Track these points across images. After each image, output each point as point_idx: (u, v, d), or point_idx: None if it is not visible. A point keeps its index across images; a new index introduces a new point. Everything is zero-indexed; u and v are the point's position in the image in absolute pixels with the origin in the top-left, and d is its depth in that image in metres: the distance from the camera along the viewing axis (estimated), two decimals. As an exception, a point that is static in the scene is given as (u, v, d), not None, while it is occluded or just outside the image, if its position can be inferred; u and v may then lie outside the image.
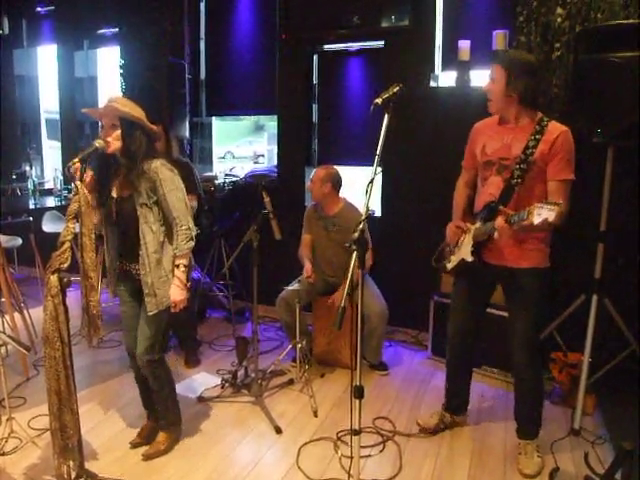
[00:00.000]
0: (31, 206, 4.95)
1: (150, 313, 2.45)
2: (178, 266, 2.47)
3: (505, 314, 3.25)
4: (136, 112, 2.39)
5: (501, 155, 2.46)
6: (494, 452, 2.75)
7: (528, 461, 2.59)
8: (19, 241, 4.32)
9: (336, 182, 3.58)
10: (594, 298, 2.98)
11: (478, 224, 2.51)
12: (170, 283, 2.47)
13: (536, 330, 2.60)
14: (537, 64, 2.40)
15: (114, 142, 2.35)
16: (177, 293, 2.46)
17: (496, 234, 2.31)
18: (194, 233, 2.48)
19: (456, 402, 2.95)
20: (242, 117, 5.85)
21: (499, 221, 2.27)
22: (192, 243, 2.47)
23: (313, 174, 3.61)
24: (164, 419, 2.73)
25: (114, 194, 2.46)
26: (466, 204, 2.73)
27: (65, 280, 2.18)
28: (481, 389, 3.37)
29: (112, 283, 2.60)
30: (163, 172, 2.41)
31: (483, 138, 2.57)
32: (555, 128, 2.37)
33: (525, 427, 2.70)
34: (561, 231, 3.29)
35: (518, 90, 2.34)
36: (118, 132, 2.35)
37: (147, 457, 2.64)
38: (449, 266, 2.71)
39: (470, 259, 2.52)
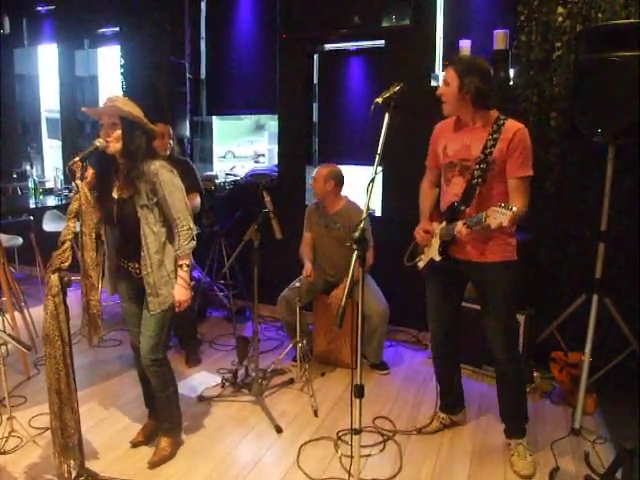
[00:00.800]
0: (32, 205, 4.96)
1: (152, 313, 2.45)
2: (181, 266, 2.47)
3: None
4: (136, 112, 2.38)
5: (462, 156, 2.50)
6: (494, 452, 2.75)
7: (522, 462, 2.60)
8: (20, 240, 4.33)
9: (339, 180, 3.58)
10: (595, 298, 2.98)
11: (443, 224, 2.55)
12: (172, 283, 2.47)
13: (511, 323, 2.62)
14: (489, 68, 2.42)
15: (114, 142, 2.34)
16: (181, 293, 2.47)
17: (455, 232, 2.36)
18: (195, 233, 2.49)
19: (449, 400, 2.96)
20: (243, 116, 5.86)
21: (459, 226, 2.33)
22: (194, 243, 2.47)
23: (315, 172, 3.61)
24: (168, 421, 2.68)
25: (115, 195, 2.45)
26: (433, 203, 2.76)
27: (66, 279, 2.19)
28: (481, 389, 3.37)
29: (111, 281, 2.59)
30: (163, 174, 2.40)
31: (444, 140, 2.60)
32: (512, 126, 2.40)
33: (513, 425, 2.72)
34: (561, 230, 3.31)
35: (470, 92, 2.36)
36: (118, 132, 2.34)
37: (153, 465, 2.58)
38: (420, 264, 2.75)
39: (438, 258, 2.57)
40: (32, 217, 4.68)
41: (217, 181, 4.67)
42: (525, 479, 2.55)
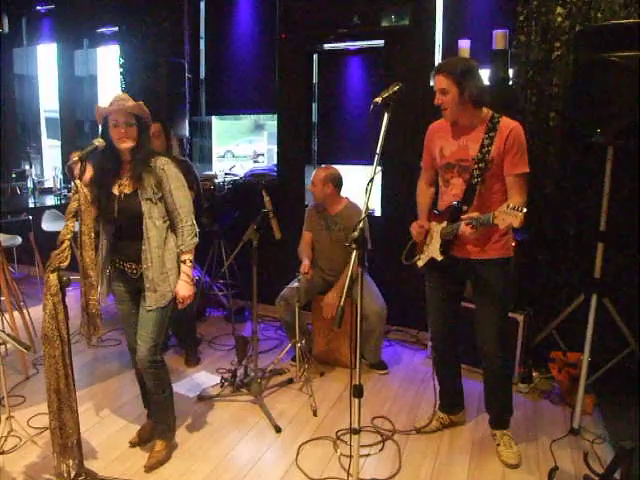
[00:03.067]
0: (31, 205, 4.96)
1: (149, 308, 2.44)
2: (185, 262, 2.48)
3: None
4: (147, 111, 2.45)
5: (459, 157, 2.51)
6: (493, 451, 2.74)
7: (509, 451, 2.65)
8: (19, 240, 4.33)
9: (337, 182, 3.57)
10: (593, 298, 2.98)
11: (444, 224, 2.56)
12: (170, 280, 2.48)
13: (505, 318, 2.66)
14: (475, 64, 2.43)
15: (129, 140, 2.37)
16: (185, 288, 2.48)
17: (459, 233, 2.38)
18: (197, 230, 2.51)
19: (449, 400, 2.96)
20: (242, 116, 5.86)
21: (462, 227, 2.34)
22: (197, 239, 2.51)
23: (313, 175, 3.59)
24: (164, 423, 2.67)
25: (115, 192, 2.45)
26: (430, 203, 2.78)
27: (64, 279, 2.18)
28: (479, 388, 3.36)
29: (105, 282, 2.58)
30: (170, 169, 2.45)
31: (440, 140, 2.60)
32: (507, 124, 2.41)
33: (499, 416, 2.76)
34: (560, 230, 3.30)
35: (472, 94, 2.37)
36: (134, 129, 2.38)
37: (149, 468, 2.57)
38: (420, 263, 2.75)
39: (440, 258, 2.58)
40: (31, 217, 4.68)
41: (216, 181, 4.67)
42: (512, 468, 2.60)
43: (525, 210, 2.07)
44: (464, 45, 3.55)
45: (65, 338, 2.20)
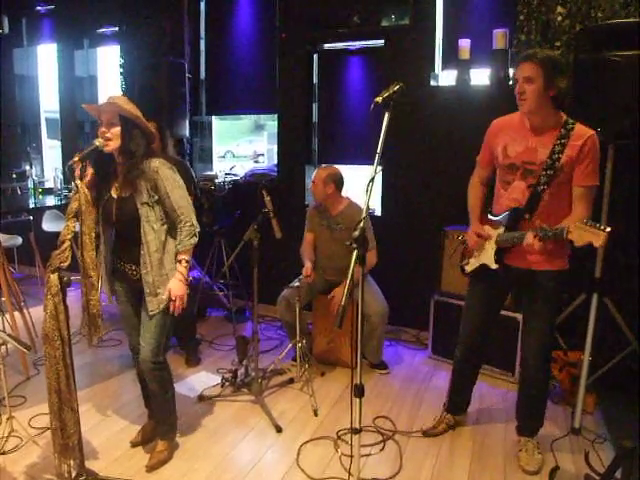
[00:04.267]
0: (31, 205, 4.96)
1: (152, 313, 2.43)
2: (180, 261, 2.45)
3: (509, 314, 3.29)
4: (136, 112, 2.37)
5: (525, 159, 2.38)
6: (494, 451, 2.75)
7: (530, 458, 2.60)
8: (19, 240, 4.33)
9: (339, 182, 3.57)
10: (594, 297, 2.98)
11: (501, 230, 2.46)
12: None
13: (553, 330, 2.57)
14: (569, 66, 2.32)
15: (113, 140, 2.32)
16: (178, 287, 2.43)
17: (525, 244, 2.27)
18: (198, 230, 2.46)
19: (459, 400, 2.94)
20: (242, 116, 5.86)
21: (529, 238, 2.23)
22: (196, 239, 2.45)
23: (314, 175, 3.58)
24: (166, 424, 2.67)
25: (114, 194, 2.44)
26: (484, 204, 2.66)
27: (65, 279, 2.18)
28: (480, 388, 3.36)
29: (107, 283, 2.57)
30: (163, 171, 2.38)
31: (504, 138, 2.47)
32: (582, 132, 2.30)
33: (528, 424, 2.71)
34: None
35: (556, 90, 2.25)
36: (117, 130, 2.32)
37: (151, 468, 2.56)
38: (467, 268, 2.67)
39: (495, 267, 2.48)
40: (32, 217, 4.68)
41: (217, 181, 4.66)
42: (528, 474, 2.55)
43: (609, 229, 1.97)
44: (464, 44, 3.55)
45: (66, 338, 2.20)
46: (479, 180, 2.69)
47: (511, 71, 3.47)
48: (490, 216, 2.58)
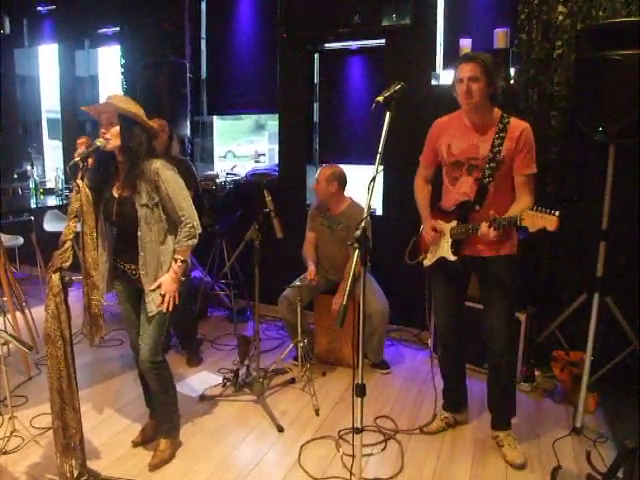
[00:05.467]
0: (32, 205, 4.96)
1: (150, 314, 2.43)
2: (176, 260, 2.44)
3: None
4: (135, 109, 2.37)
5: (469, 155, 2.52)
6: (495, 450, 2.74)
7: (515, 452, 2.65)
8: (21, 240, 4.33)
9: (342, 181, 3.57)
10: (596, 296, 2.98)
11: (454, 223, 2.57)
12: None
13: (513, 314, 2.68)
14: (500, 67, 2.49)
15: (113, 139, 2.32)
16: (169, 282, 2.43)
17: (479, 234, 2.38)
18: (199, 231, 2.46)
19: (453, 398, 2.96)
20: (243, 116, 5.86)
21: (484, 228, 2.34)
22: (195, 241, 2.45)
23: (318, 173, 3.59)
24: (168, 423, 2.67)
25: (115, 193, 2.44)
26: (429, 201, 2.78)
27: (67, 279, 2.18)
28: (482, 387, 3.36)
29: (106, 281, 2.56)
30: (164, 172, 2.38)
31: (447, 137, 2.59)
32: (517, 125, 2.44)
33: (502, 417, 2.75)
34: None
35: (494, 88, 2.41)
36: (116, 128, 2.32)
37: (153, 467, 2.57)
38: (426, 263, 2.77)
39: (453, 258, 2.59)
40: (33, 217, 4.68)
41: (218, 181, 4.67)
42: (519, 468, 2.59)
43: (558, 213, 2.09)
44: (465, 44, 3.54)
45: (67, 338, 2.20)
46: (423, 179, 2.82)
47: (512, 70, 3.47)
48: (442, 210, 2.69)
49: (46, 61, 6.01)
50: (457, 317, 2.80)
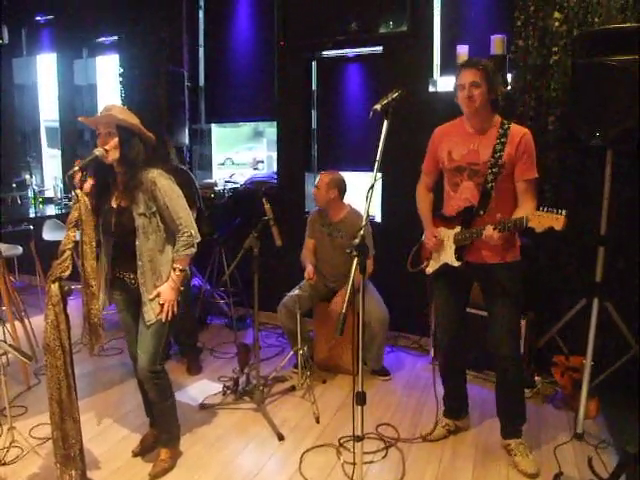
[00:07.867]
0: (31, 214, 4.96)
1: (149, 323, 2.43)
2: (174, 269, 2.45)
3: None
4: (133, 120, 2.38)
5: (470, 160, 2.52)
6: (497, 456, 2.73)
7: (527, 460, 2.61)
8: (20, 250, 4.32)
9: (342, 187, 3.58)
10: (595, 301, 2.98)
11: (458, 229, 2.57)
12: None
13: (518, 320, 2.67)
14: (500, 74, 2.51)
15: (112, 151, 2.33)
16: (168, 292, 2.43)
17: (484, 237, 2.38)
18: (197, 240, 2.46)
19: (454, 405, 2.95)
20: (241, 124, 5.87)
21: (489, 231, 2.35)
22: (193, 250, 2.45)
23: (318, 180, 3.60)
24: (167, 433, 2.66)
25: (113, 204, 2.45)
26: (431, 209, 2.80)
27: (66, 288, 2.19)
28: (483, 394, 3.36)
29: (106, 291, 2.57)
30: (161, 181, 2.38)
31: (448, 143, 2.61)
32: (517, 131, 2.47)
33: (512, 425, 2.72)
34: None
35: (495, 94, 2.44)
36: (115, 140, 2.33)
37: (153, 477, 2.55)
38: (429, 270, 2.76)
39: (457, 264, 2.58)
40: (32, 226, 4.67)
41: (216, 188, 4.68)
42: (532, 477, 2.55)
43: (565, 212, 2.10)
44: (462, 51, 3.56)
45: (67, 348, 2.20)
46: (425, 187, 2.84)
47: (509, 76, 3.48)
48: (444, 217, 2.69)
49: (45, 70, 6.02)
50: (458, 324, 2.79)
